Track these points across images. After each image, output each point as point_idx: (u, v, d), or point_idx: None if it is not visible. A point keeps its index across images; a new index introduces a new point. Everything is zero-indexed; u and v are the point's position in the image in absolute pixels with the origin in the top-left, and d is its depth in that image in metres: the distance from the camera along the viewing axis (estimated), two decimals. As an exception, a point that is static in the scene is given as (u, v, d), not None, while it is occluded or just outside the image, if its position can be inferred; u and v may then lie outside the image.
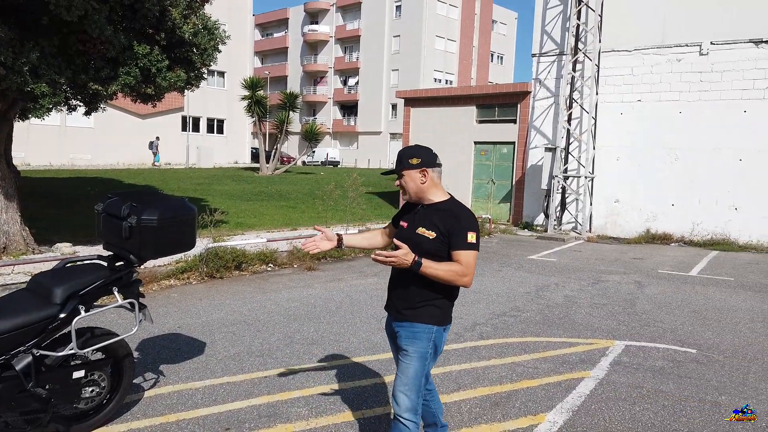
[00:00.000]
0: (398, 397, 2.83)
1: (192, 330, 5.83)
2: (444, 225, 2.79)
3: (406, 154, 2.93)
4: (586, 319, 6.70)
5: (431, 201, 2.91)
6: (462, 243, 2.76)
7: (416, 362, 2.84)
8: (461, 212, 2.86)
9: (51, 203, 15.56)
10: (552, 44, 15.58)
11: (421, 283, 2.82)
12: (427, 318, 2.87)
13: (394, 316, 2.99)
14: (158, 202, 3.63)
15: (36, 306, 3.20)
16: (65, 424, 3.45)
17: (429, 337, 2.87)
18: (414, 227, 2.88)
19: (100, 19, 7.08)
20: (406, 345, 2.88)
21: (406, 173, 2.90)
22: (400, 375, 2.86)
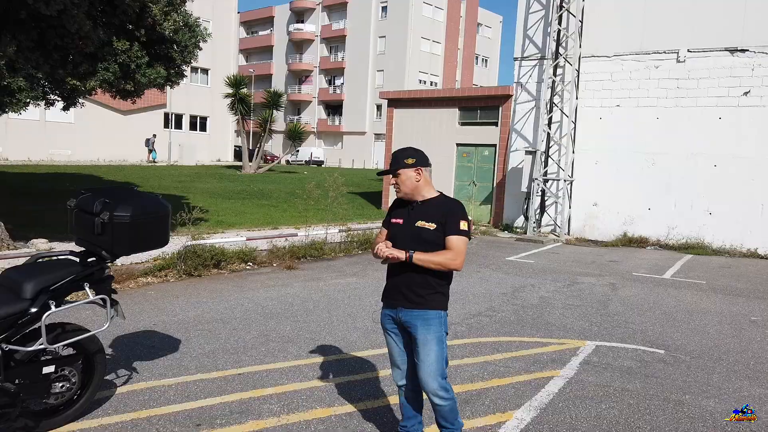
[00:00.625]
0: (428, 383, 3.12)
1: (167, 327, 5.82)
2: (441, 216, 3.12)
3: (401, 155, 3.22)
4: (559, 320, 6.82)
5: (424, 197, 3.22)
6: (454, 229, 3.09)
7: (436, 346, 3.12)
8: (454, 204, 3.22)
9: (28, 199, 15.34)
10: (534, 48, 15.76)
11: (427, 274, 3.11)
12: (437, 304, 3.18)
13: (404, 306, 3.19)
14: (132, 198, 3.64)
15: (5, 301, 3.20)
16: (34, 420, 3.45)
17: (441, 321, 3.18)
18: (411, 221, 3.17)
19: (78, 14, 7.04)
20: (423, 333, 3.14)
21: (402, 172, 3.19)
22: (424, 363, 3.12)
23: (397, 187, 3.24)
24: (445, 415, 3.21)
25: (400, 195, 3.27)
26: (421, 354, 3.13)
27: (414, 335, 3.17)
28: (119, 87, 8.24)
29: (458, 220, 3.11)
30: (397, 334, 3.30)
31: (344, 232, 11.78)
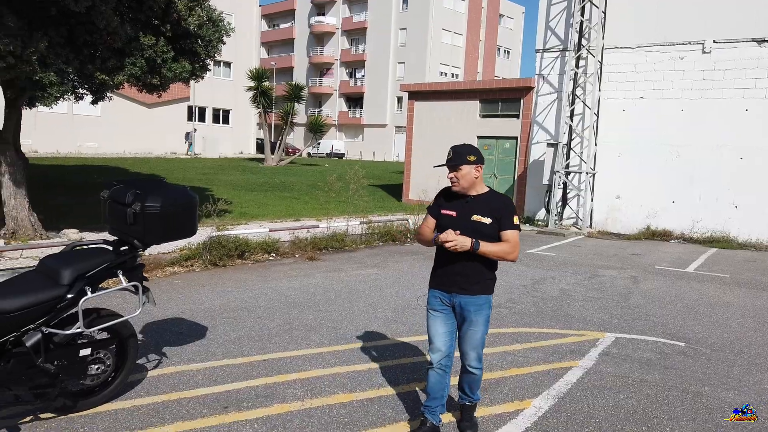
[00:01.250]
0: (469, 354, 3.54)
1: (194, 315, 6.00)
2: (495, 211, 3.38)
3: (464, 152, 3.43)
4: (579, 312, 6.84)
5: (477, 193, 3.46)
6: (509, 224, 3.38)
7: (483, 327, 3.51)
8: (506, 200, 3.52)
9: (58, 191, 15.77)
10: (556, 40, 15.63)
11: (479, 261, 3.40)
12: (488, 290, 3.51)
13: (459, 293, 3.47)
14: (161, 189, 3.79)
15: (45, 286, 3.37)
16: (72, 399, 3.63)
17: (490, 305, 3.54)
18: (467, 215, 3.40)
19: (107, 11, 7.22)
20: (475, 316, 3.48)
21: (463, 167, 3.39)
22: (471, 339, 3.51)
23: (456, 181, 3.43)
24: (472, 383, 3.63)
25: (457, 188, 3.45)
26: (469, 332, 3.50)
27: (467, 317, 3.49)
28: (146, 81, 8.43)
29: (512, 216, 3.40)
30: (445, 315, 3.54)
31: (365, 224, 11.89)
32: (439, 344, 3.51)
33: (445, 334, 3.52)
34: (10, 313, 3.18)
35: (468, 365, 3.58)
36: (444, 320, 3.52)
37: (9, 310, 3.18)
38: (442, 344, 3.50)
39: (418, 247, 11.21)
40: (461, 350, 3.57)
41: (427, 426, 3.53)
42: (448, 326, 3.53)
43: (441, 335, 3.51)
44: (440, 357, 3.50)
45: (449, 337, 3.53)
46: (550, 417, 3.96)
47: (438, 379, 3.52)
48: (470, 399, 3.71)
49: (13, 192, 8.70)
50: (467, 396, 3.70)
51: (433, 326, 3.54)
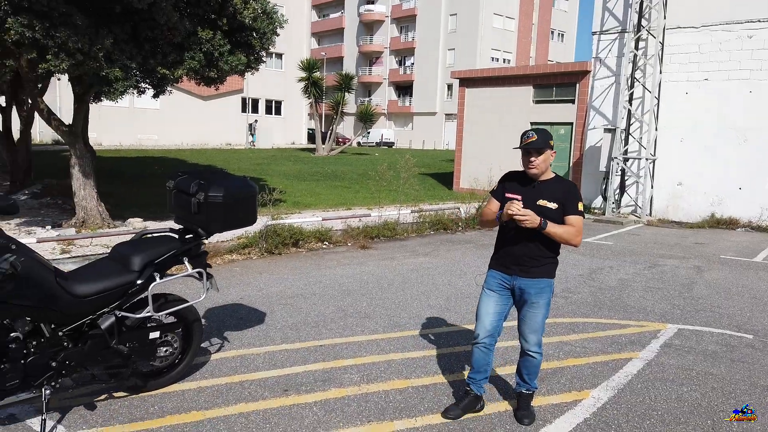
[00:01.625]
0: (529, 337, 3.56)
1: (253, 301, 6.19)
2: (561, 197, 3.41)
3: (546, 135, 3.45)
4: (638, 302, 6.65)
5: (545, 178, 3.50)
6: (574, 209, 3.42)
7: (544, 309, 3.54)
8: (571, 186, 3.55)
9: (122, 181, 16.51)
10: (614, 21, 15.07)
11: (542, 244, 3.44)
12: (550, 273, 3.54)
13: (520, 275, 3.52)
14: (223, 180, 3.92)
15: (118, 272, 3.55)
16: (143, 380, 3.83)
17: (551, 289, 3.57)
18: (533, 199, 3.42)
19: (167, 7, 7.47)
20: (536, 298, 3.51)
21: (547, 152, 3.42)
22: (531, 321, 3.54)
23: (534, 164, 3.43)
24: (530, 368, 3.63)
25: (535, 171, 3.45)
26: (530, 314, 3.54)
27: (527, 300, 3.53)
28: (204, 74, 8.69)
29: (577, 201, 3.44)
30: (500, 296, 3.60)
31: (416, 212, 11.90)
32: (487, 323, 3.60)
33: (495, 315, 3.61)
34: (87, 297, 3.38)
35: (528, 350, 3.59)
36: (497, 301, 3.60)
37: (86, 294, 3.38)
38: (489, 323, 3.60)
39: (470, 236, 11.14)
40: (521, 333, 3.61)
41: (471, 396, 3.73)
42: (500, 307, 3.61)
43: (491, 315, 3.60)
44: (485, 335, 3.61)
45: (498, 318, 3.61)
46: (610, 408, 3.88)
47: (482, 356, 3.66)
48: (528, 387, 3.69)
49: (82, 183, 9.17)
50: (525, 383, 3.69)
51: (485, 305, 3.63)
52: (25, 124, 14.12)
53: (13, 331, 3.17)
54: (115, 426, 3.48)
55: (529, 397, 3.73)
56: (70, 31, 6.88)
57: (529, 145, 3.40)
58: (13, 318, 3.16)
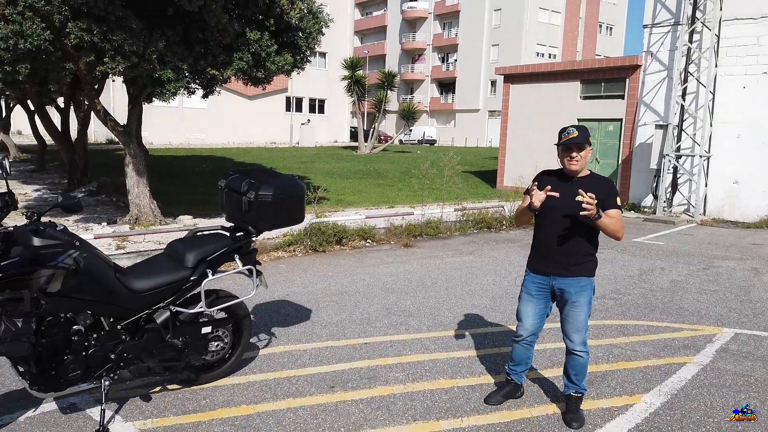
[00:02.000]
0: (573, 336, 3.56)
1: (299, 298, 6.28)
2: (600, 192, 3.40)
3: (586, 133, 3.49)
4: (692, 305, 6.42)
5: (582, 175, 3.54)
6: (614, 204, 3.46)
7: (586, 308, 3.55)
8: (609, 182, 3.60)
9: (172, 179, 17.01)
10: (666, 14, 14.55)
11: (581, 242, 3.50)
12: (590, 272, 3.58)
13: (559, 275, 3.55)
14: (273, 179, 3.99)
15: (173, 268, 3.67)
16: (195, 373, 3.95)
17: (592, 287, 3.59)
18: (571, 196, 3.40)
19: (217, 9, 7.65)
20: (577, 297, 3.53)
21: (587, 148, 3.49)
22: (574, 320, 3.55)
23: (575, 161, 3.46)
24: (577, 368, 3.60)
25: (576, 168, 3.48)
26: (572, 314, 3.55)
27: (568, 299, 3.55)
28: (251, 75, 8.86)
29: (615, 196, 3.49)
30: (538, 300, 3.65)
31: (459, 211, 11.81)
32: (528, 325, 3.69)
33: (535, 316, 3.68)
34: (144, 292, 3.51)
35: (573, 349, 3.59)
36: (536, 304, 3.67)
37: (144, 289, 3.50)
38: (530, 324, 3.69)
39: (514, 234, 10.99)
40: (565, 333, 3.62)
41: (512, 384, 3.88)
42: (540, 309, 3.68)
43: (531, 317, 3.68)
44: (527, 335, 3.72)
45: (539, 319, 3.69)
46: (663, 414, 3.77)
47: (523, 351, 3.79)
48: (576, 388, 3.65)
49: (136, 181, 9.51)
50: (573, 384, 3.65)
51: (525, 308, 3.71)
52: (81, 124, 14.73)
53: (75, 325, 3.32)
54: (169, 417, 3.60)
55: (578, 399, 3.67)
56: (125, 34, 7.14)
57: (571, 140, 3.43)
58: (75, 312, 3.30)
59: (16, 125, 27.94)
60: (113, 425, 3.48)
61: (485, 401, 3.85)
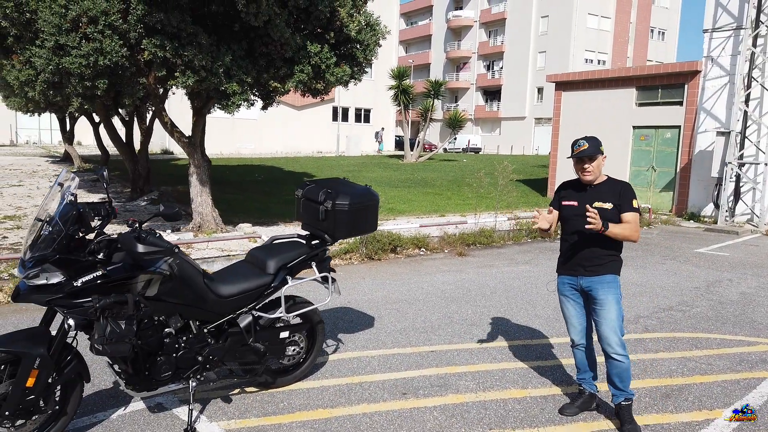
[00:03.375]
0: (609, 338, 3.58)
1: (360, 305, 6.38)
2: (615, 197, 3.58)
3: (597, 144, 3.64)
4: (766, 318, 6.19)
5: (598, 182, 3.68)
6: (629, 207, 3.57)
7: (615, 305, 3.60)
8: (624, 186, 3.67)
9: (228, 188, 17.52)
10: (728, 18, 14.11)
11: (603, 244, 3.59)
12: (614, 269, 3.66)
13: (585, 275, 3.67)
14: (349, 188, 4.11)
15: (255, 275, 3.82)
16: (272, 376, 4.08)
17: (618, 284, 3.67)
18: (588, 203, 3.57)
19: (280, 23, 7.90)
20: (603, 295, 3.61)
21: (599, 158, 3.63)
22: (605, 320, 3.59)
23: (588, 171, 3.61)
24: (620, 374, 3.60)
25: (589, 179, 3.63)
26: (602, 312, 3.61)
27: (595, 297, 3.64)
28: (311, 86, 9.08)
29: (631, 200, 3.59)
30: (576, 299, 3.78)
31: (512, 219, 11.73)
32: (576, 324, 3.81)
33: (578, 315, 3.80)
34: (229, 297, 3.66)
35: (610, 353, 3.59)
36: (574, 303, 3.80)
37: (229, 295, 3.66)
38: (578, 324, 3.80)
39: (570, 244, 10.82)
40: (600, 337, 3.64)
41: (586, 395, 3.88)
42: (579, 308, 3.79)
43: (575, 316, 3.81)
44: (579, 337, 3.82)
45: (582, 317, 3.80)
46: (746, 430, 3.66)
47: (582, 356, 3.85)
48: (623, 393, 3.63)
49: (199, 190, 9.86)
50: (619, 390, 3.63)
51: (567, 309, 3.83)
52: (144, 135, 15.37)
53: (167, 327, 3.50)
54: (250, 419, 3.73)
55: (628, 407, 3.64)
56: (195, 49, 7.46)
57: (581, 153, 3.59)
58: (168, 315, 3.48)
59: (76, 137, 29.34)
60: (199, 425, 3.64)
61: (560, 412, 3.85)
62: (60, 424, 3.29)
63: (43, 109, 17.83)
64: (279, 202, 14.60)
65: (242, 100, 8.18)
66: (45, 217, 3.13)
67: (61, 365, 3.20)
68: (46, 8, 6.97)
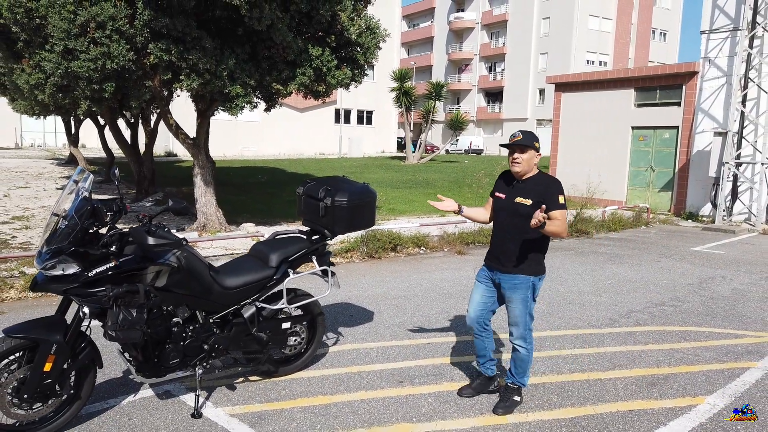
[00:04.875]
0: (512, 330, 3.79)
1: (360, 301, 6.57)
2: (538, 194, 3.58)
3: (531, 137, 3.69)
4: (755, 313, 6.36)
5: (528, 176, 3.72)
6: (555, 205, 3.56)
7: (521, 305, 3.72)
8: (550, 181, 3.67)
9: (231, 189, 17.73)
10: (725, 19, 14.28)
11: (522, 244, 3.67)
12: (528, 271, 3.71)
13: (499, 269, 3.77)
14: (347, 186, 4.30)
15: (259, 268, 4.02)
16: (275, 366, 4.27)
17: (528, 286, 3.73)
18: (512, 197, 3.69)
19: (283, 27, 8.11)
20: (510, 294, 3.74)
21: (529, 152, 3.66)
22: (510, 314, 3.77)
23: (517, 162, 3.66)
24: (517, 361, 3.81)
25: (517, 168, 3.68)
26: (510, 308, 3.77)
27: (504, 294, 3.78)
28: (312, 89, 9.29)
29: (557, 195, 3.58)
30: (485, 287, 3.89)
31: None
32: (471, 311, 3.92)
33: (479, 304, 3.89)
34: (234, 289, 3.86)
35: (513, 342, 3.80)
36: (482, 291, 3.89)
37: (234, 286, 3.86)
38: (473, 311, 3.91)
39: (568, 243, 11.00)
40: (509, 324, 3.82)
41: (483, 378, 4.07)
42: (484, 298, 3.88)
43: (474, 303, 3.91)
44: (470, 322, 3.93)
45: (482, 308, 3.89)
46: (727, 415, 3.84)
47: (477, 342, 3.98)
48: (514, 378, 3.85)
49: (203, 190, 10.07)
50: (512, 375, 3.87)
51: (472, 295, 3.94)
52: (149, 138, 15.60)
53: (175, 317, 3.70)
54: (254, 405, 3.92)
55: (512, 390, 3.88)
56: (200, 53, 7.67)
57: (515, 142, 3.64)
58: (176, 305, 3.68)
59: (80, 139, 29.59)
60: (205, 410, 3.83)
61: (458, 394, 4.05)
62: (74, 408, 3.48)
63: (51, 112, 18.09)
64: (282, 202, 14.81)
65: (245, 102, 8.38)
66: (61, 212, 3.33)
67: (76, 351, 3.39)
68: (56, 14, 7.19)
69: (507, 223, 3.73)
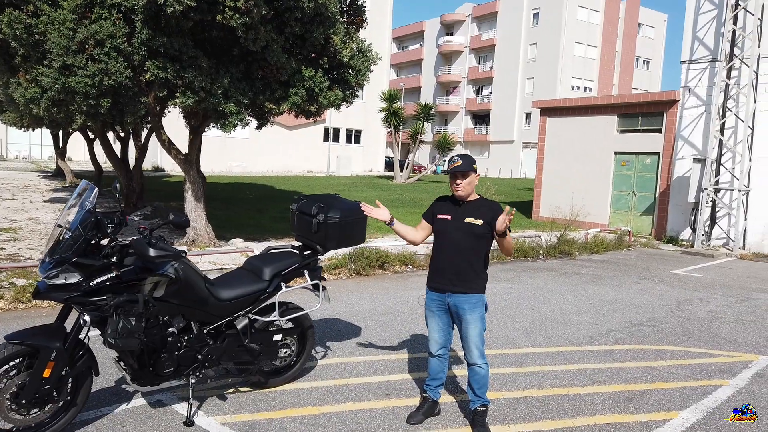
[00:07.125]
0: (472, 351, 3.80)
1: (348, 316, 6.71)
2: (486, 215, 3.76)
3: (470, 161, 3.83)
4: (729, 334, 6.60)
5: (471, 199, 3.87)
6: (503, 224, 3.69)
7: (480, 323, 3.81)
8: (495, 205, 3.86)
9: (220, 204, 17.80)
10: (704, 50, 14.82)
11: (472, 262, 3.79)
12: (479, 288, 3.84)
13: (451, 291, 3.83)
14: (339, 203, 4.47)
15: (252, 281, 4.16)
16: (265, 377, 4.39)
17: (483, 302, 3.85)
18: (461, 218, 3.81)
19: (277, 49, 8.34)
20: (470, 314, 3.79)
21: (471, 175, 3.82)
22: (470, 335, 3.79)
23: (460, 186, 3.79)
24: (479, 380, 3.83)
25: (461, 193, 3.81)
26: (469, 330, 3.80)
27: (462, 316, 3.81)
28: (304, 108, 9.50)
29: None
30: (441, 315, 3.94)
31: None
32: (437, 337, 3.97)
33: (441, 329, 3.96)
34: (228, 301, 3.99)
35: (472, 362, 3.82)
36: (439, 318, 3.94)
37: (228, 299, 3.99)
38: (439, 337, 3.97)
39: (551, 263, 11.23)
40: (464, 346, 3.86)
41: (429, 402, 4.08)
42: (443, 322, 3.95)
43: (436, 330, 3.96)
44: (437, 348, 3.98)
45: (445, 331, 3.97)
46: (699, 429, 4.02)
47: (438, 365, 4.02)
48: (480, 400, 3.87)
49: (194, 206, 10.18)
50: (478, 398, 3.87)
51: (431, 324, 4.00)
52: (139, 152, 15.69)
53: (170, 327, 3.82)
54: (245, 414, 4.03)
55: (483, 413, 3.89)
56: (196, 72, 7.86)
57: (455, 169, 3.78)
58: (171, 315, 3.80)
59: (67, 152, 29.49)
60: (197, 418, 3.93)
61: (407, 421, 3.96)
62: (70, 414, 3.57)
63: (43, 125, 18.12)
64: (270, 218, 14.92)
65: (239, 119, 8.56)
66: (65, 224, 3.46)
67: (74, 359, 3.50)
68: (55, 30, 7.36)
69: (462, 242, 3.78)
